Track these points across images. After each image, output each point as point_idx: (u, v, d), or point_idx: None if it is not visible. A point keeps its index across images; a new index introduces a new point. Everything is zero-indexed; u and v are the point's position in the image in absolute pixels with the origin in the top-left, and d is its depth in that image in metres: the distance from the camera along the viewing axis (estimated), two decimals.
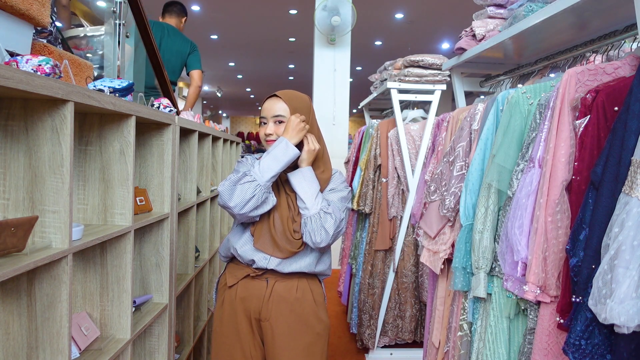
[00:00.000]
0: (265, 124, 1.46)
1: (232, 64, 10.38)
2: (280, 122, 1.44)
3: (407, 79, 2.78)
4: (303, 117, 1.44)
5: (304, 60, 9.30)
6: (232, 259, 1.55)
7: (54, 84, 0.93)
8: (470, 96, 2.22)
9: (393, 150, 2.89)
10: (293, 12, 6.55)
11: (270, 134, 1.44)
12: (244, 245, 1.46)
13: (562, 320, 1.07)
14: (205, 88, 13.41)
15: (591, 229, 0.96)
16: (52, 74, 1.00)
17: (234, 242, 1.48)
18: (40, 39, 1.29)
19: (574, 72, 1.15)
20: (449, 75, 2.63)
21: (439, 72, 2.77)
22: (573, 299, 0.99)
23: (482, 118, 1.55)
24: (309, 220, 1.39)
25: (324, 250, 1.50)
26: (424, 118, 2.99)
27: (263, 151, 1.48)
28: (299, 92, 1.51)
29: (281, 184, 1.49)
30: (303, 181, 1.42)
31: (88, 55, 1.88)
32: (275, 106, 1.44)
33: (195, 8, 6.53)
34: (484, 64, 2.00)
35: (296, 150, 1.40)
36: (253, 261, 1.44)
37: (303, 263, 1.45)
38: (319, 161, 1.51)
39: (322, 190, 1.47)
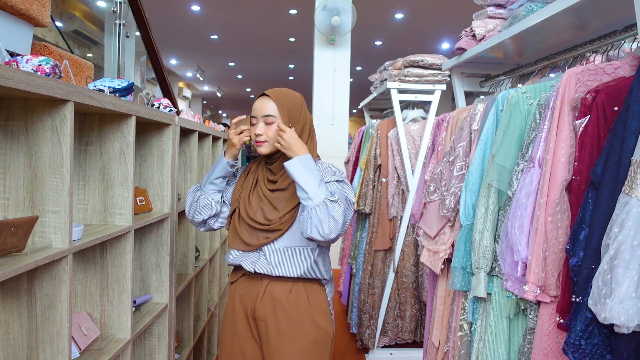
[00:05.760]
0: (255, 124, 1.43)
1: (232, 64, 10.38)
2: (270, 122, 1.39)
3: (407, 79, 2.78)
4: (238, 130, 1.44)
5: (304, 60, 9.30)
6: None
7: (54, 84, 0.93)
8: (470, 96, 2.22)
9: (393, 150, 2.89)
10: (293, 12, 6.55)
11: (260, 135, 1.40)
12: (231, 254, 1.49)
13: (562, 320, 1.07)
14: (205, 88, 13.41)
15: (591, 229, 0.96)
16: (52, 74, 1.00)
17: (227, 253, 1.52)
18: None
19: (574, 72, 1.15)
20: (449, 75, 2.63)
21: (439, 72, 2.77)
22: (573, 299, 0.99)
23: (482, 118, 1.55)
24: (313, 212, 1.26)
25: (331, 242, 1.37)
26: (424, 118, 2.99)
27: (258, 156, 1.48)
28: (292, 90, 1.47)
29: (254, 179, 1.48)
30: (303, 169, 1.29)
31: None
32: (265, 105, 1.40)
33: (195, 8, 6.52)
34: (484, 64, 2.00)
35: (223, 159, 1.46)
36: (241, 266, 1.46)
37: (293, 268, 1.41)
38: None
39: None
